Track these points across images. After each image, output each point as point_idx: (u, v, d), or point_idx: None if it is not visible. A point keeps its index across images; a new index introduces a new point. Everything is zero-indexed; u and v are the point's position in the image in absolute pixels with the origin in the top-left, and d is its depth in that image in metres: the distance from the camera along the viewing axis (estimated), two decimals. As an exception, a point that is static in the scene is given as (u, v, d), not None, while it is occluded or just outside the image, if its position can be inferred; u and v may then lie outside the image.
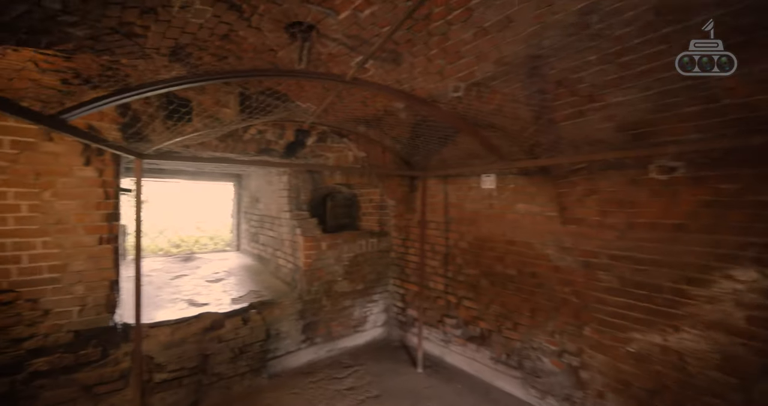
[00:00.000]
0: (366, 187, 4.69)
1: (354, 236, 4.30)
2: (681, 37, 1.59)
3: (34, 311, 2.57)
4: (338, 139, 4.15)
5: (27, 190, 2.52)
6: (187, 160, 2.83)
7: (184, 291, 3.89)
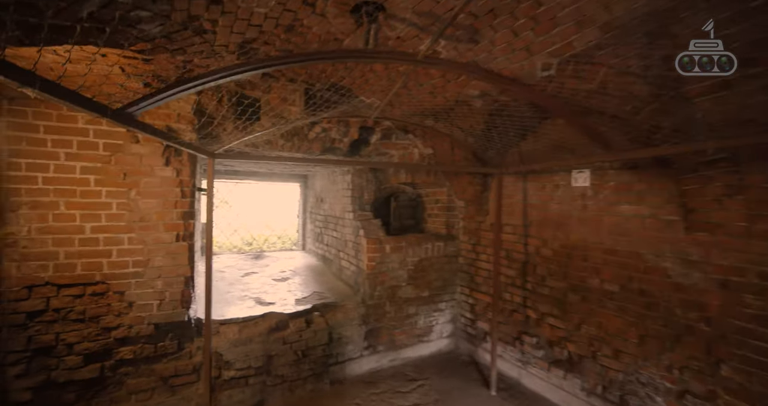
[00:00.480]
0: (432, 186, 4.37)
1: (419, 239, 4.02)
2: None
3: (121, 303, 2.74)
4: (403, 136, 3.91)
5: (116, 189, 2.70)
6: (255, 159, 2.82)
7: (253, 289, 3.97)
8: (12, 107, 2.42)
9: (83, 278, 2.63)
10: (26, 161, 2.47)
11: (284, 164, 4.39)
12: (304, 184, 6.10)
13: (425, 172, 4.11)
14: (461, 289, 4.27)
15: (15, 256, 2.46)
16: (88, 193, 2.62)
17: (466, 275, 4.22)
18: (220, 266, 4.87)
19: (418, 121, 3.34)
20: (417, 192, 4.74)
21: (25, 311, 2.50)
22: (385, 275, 3.81)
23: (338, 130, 3.58)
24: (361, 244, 3.87)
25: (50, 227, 2.54)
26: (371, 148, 3.85)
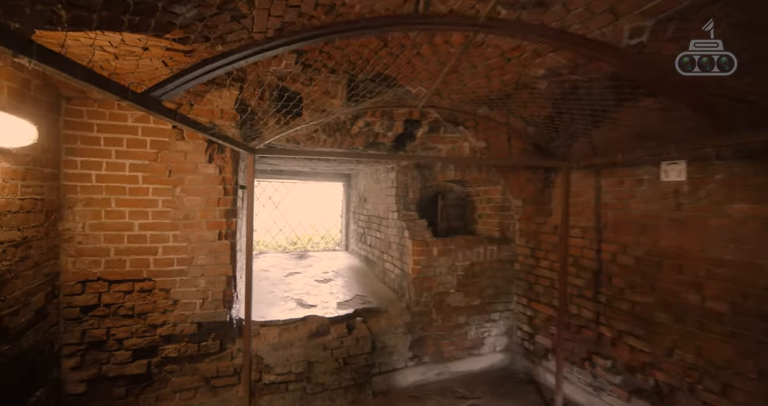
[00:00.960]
0: (483, 184, 3.99)
1: (469, 241, 3.66)
2: None
3: (167, 300, 2.73)
4: (452, 129, 3.58)
5: (162, 186, 2.70)
6: (294, 155, 2.68)
7: (295, 290, 3.88)
8: (69, 107, 2.50)
9: (132, 275, 2.66)
10: (81, 159, 2.54)
11: (327, 162, 4.27)
12: (347, 184, 5.98)
13: (477, 167, 3.74)
14: (518, 298, 3.83)
15: (71, 251, 2.54)
16: (137, 190, 2.65)
17: (523, 282, 3.77)
18: (265, 265, 4.88)
19: (470, 111, 3.00)
20: (466, 190, 4.37)
21: (80, 306, 2.56)
22: (432, 280, 3.51)
23: (382, 124, 3.36)
24: (405, 246, 3.61)
25: (102, 223, 2.59)
26: (417, 143, 3.58)
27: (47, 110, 2.32)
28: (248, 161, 2.58)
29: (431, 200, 4.27)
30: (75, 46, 2.05)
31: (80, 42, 1.94)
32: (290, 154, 2.62)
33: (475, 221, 4.29)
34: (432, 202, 4.28)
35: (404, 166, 3.89)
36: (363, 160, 4.03)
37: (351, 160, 4.08)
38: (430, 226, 3.79)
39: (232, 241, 2.89)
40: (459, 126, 3.49)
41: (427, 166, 3.88)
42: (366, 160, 4.06)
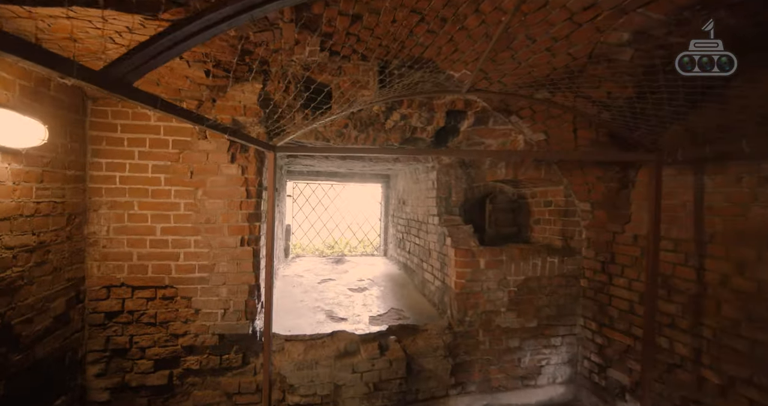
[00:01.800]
0: (541, 184, 3.40)
1: (524, 252, 3.11)
2: None
3: (188, 309, 2.58)
4: (503, 119, 3.07)
5: (184, 188, 2.55)
6: (319, 152, 2.39)
7: (327, 299, 3.61)
8: (95, 107, 2.44)
9: (154, 281, 2.54)
10: (106, 161, 2.47)
11: (363, 162, 3.95)
12: (386, 185, 5.64)
13: (534, 165, 3.17)
14: (585, 321, 3.19)
15: (96, 255, 2.47)
16: (159, 192, 2.52)
17: (591, 303, 3.13)
18: (299, 269, 4.70)
19: (526, 95, 2.48)
20: (519, 192, 3.80)
21: (104, 311, 2.49)
22: (479, 296, 3.02)
23: (420, 116, 2.95)
24: (447, 255, 3.16)
25: (125, 227, 2.50)
26: (461, 138, 3.12)
27: (70, 111, 2.25)
28: (268, 160, 2.33)
29: (478, 203, 3.76)
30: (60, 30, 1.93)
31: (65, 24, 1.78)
32: (313, 152, 2.33)
33: (530, 227, 3.71)
34: (479, 205, 3.77)
35: (446, 164, 3.44)
36: (400, 158, 3.66)
37: (388, 160, 3.73)
38: (477, 232, 3.30)
39: (255, 247, 2.66)
40: (512, 115, 2.97)
41: (472, 165, 3.40)
42: (404, 159, 3.68)
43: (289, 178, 5.25)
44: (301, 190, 5.70)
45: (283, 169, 4.50)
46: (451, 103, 2.97)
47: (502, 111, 2.99)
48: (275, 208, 3.82)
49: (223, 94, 2.57)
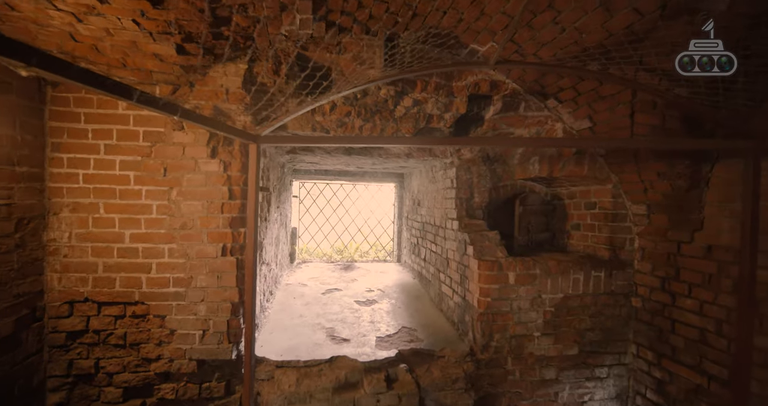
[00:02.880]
0: (583, 182, 2.85)
1: (563, 264, 2.57)
2: None
3: (162, 329, 2.21)
4: (537, 104, 2.55)
5: (156, 188, 2.18)
6: (311, 143, 1.96)
7: (330, 313, 3.18)
8: (56, 94, 2.10)
9: (122, 296, 2.17)
10: (68, 156, 2.12)
11: (371, 158, 3.50)
12: (399, 185, 5.18)
13: (575, 159, 2.63)
14: (638, 350, 2.62)
15: (57, 266, 2.13)
16: (128, 193, 2.16)
17: (647, 327, 2.56)
18: (304, 277, 4.30)
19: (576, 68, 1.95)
20: (554, 192, 3.25)
21: (66, 331, 2.15)
22: (508, 317, 2.50)
23: (437, 102, 2.47)
24: (469, 267, 2.66)
25: (90, 233, 2.14)
26: (486, 128, 2.62)
27: (20, 97, 1.91)
28: (251, 152, 1.92)
29: (505, 205, 3.24)
30: (21, 4, 1.58)
31: None
32: (302, 143, 1.90)
33: (567, 233, 3.15)
34: (506, 207, 3.25)
35: (467, 160, 2.94)
36: (413, 153, 3.19)
37: (398, 154, 3.26)
38: (504, 238, 2.79)
39: (239, 257, 2.26)
40: (548, 99, 2.45)
41: (499, 160, 2.89)
42: (417, 154, 3.21)
43: (295, 178, 4.87)
44: (308, 191, 5.31)
45: (285, 168, 4.11)
46: (473, 86, 2.47)
47: (536, 94, 2.47)
48: (274, 210, 3.43)
49: (202, 77, 2.18)
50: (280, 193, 3.77)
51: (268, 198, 3.09)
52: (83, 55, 1.95)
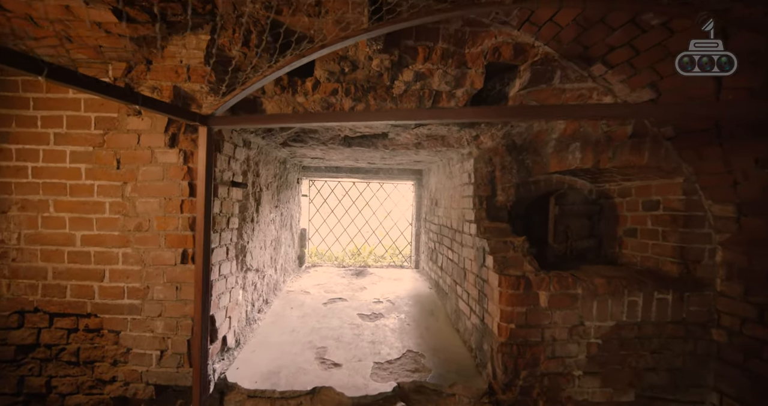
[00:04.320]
0: (639, 175, 2.21)
1: (614, 282, 1.96)
2: None
3: (117, 347, 1.90)
4: (578, 73, 1.96)
5: (109, 183, 1.88)
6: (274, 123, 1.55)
7: (327, 329, 2.76)
8: (3, 78, 1.86)
9: (74, 307, 1.89)
10: (16, 147, 1.88)
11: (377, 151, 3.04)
12: (418, 183, 4.67)
13: (630, 144, 2.00)
14: (723, 401, 1.93)
15: (5, 270, 1.89)
16: (79, 188, 1.88)
17: (736, 371, 1.87)
18: (309, 283, 3.93)
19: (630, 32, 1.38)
20: (601, 188, 2.61)
21: (16, 344, 1.90)
22: (538, 349, 1.94)
23: (444, 75, 1.97)
24: (488, 282, 2.13)
25: (39, 234, 1.88)
26: (511, 106, 2.07)
27: (-46, 78, 1.67)
28: (200, 138, 1.54)
29: (536, 204, 2.65)
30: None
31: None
32: (263, 124, 1.49)
33: (619, 241, 2.50)
34: (537, 207, 2.66)
35: (488, 149, 2.41)
36: (423, 144, 2.70)
37: (407, 146, 2.78)
38: (534, 246, 2.22)
39: (204, 265, 1.90)
40: (593, 63, 1.86)
41: (528, 148, 2.32)
42: (429, 145, 2.71)
43: (305, 175, 4.53)
44: (318, 189, 4.96)
45: (288, 163, 3.77)
46: (492, 52, 1.94)
47: (576, 58, 1.89)
48: (270, 210, 3.08)
49: (159, 53, 1.85)
50: (278, 192, 3.42)
51: (256, 196, 2.74)
52: (22, 28, 1.69)
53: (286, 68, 1.47)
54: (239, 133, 2.27)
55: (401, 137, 2.59)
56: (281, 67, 1.46)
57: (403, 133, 2.50)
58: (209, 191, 1.58)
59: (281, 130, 2.44)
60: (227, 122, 1.57)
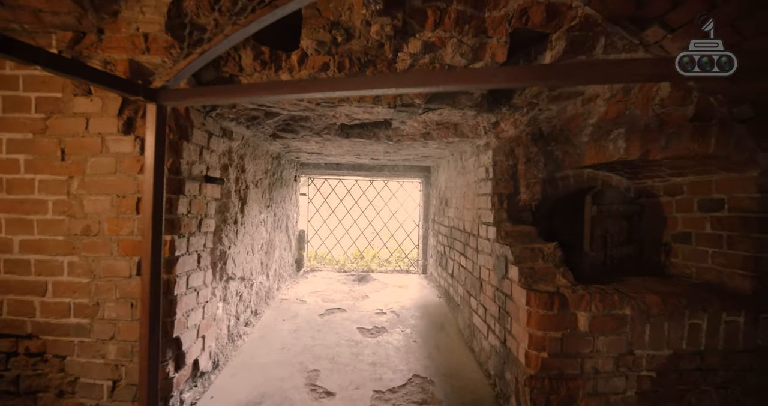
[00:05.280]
0: (695, 168, 1.82)
1: (671, 300, 1.57)
2: None
3: (63, 375, 1.57)
4: (626, 40, 1.58)
5: (52, 177, 1.55)
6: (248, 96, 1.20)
7: (321, 346, 2.42)
8: (-72, 51, 1.54)
9: (11, 327, 1.58)
10: (-55, 135, 1.56)
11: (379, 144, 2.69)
12: (425, 181, 4.31)
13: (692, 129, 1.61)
14: (813, 452, 1.54)
15: (-68, 283, 1.57)
16: (17, 184, 1.56)
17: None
18: (305, 290, 3.59)
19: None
20: (641, 185, 2.22)
21: (-55, 370, 1.58)
22: (576, 383, 1.56)
23: (459, 45, 1.61)
24: (512, 297, 1.76)
25: (-29, 239, 1.57)
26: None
27: None
28: (148, 117, 1.21)
29: (567, 204, 2.27)
30: None
31: None
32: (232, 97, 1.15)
33: (667, 248, 2.10)
34: (569, 206, 2.28)
35: (510, 138, 2.04)
36: (432, 134, 2.34)
37: (414, 137, 2.42)
38: (567, 252, 1.84)
39: (167, 276, 1.57)
40: (648, 27, 1.47)
41: (559, 137, 1.95)
42: (439, 136, 2.35)
43: (303, 173, 4.20)
44: (318, 188, 4.62)
45: (283, 159, 3.44)
46: (519, 16, 1.57)
47: (625, 21, 1.51)
48: (260, 210, 2.74)
49: (112, 20, 1.51)
50: (271, 190, 3.09)
51: (241, 194, 2.41)
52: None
53: (255, 25, 1.13)
54: (215, 120, 1.94)
55: (407, 126, 2.24)
56: (250, 22, 1.13)
57: (409, 121, 2.15)
58: (159, 186, 1.24)
59: (267, 117, 2.10)
60: (183, 96, 1.23)
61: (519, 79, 0.96)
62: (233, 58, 1.67)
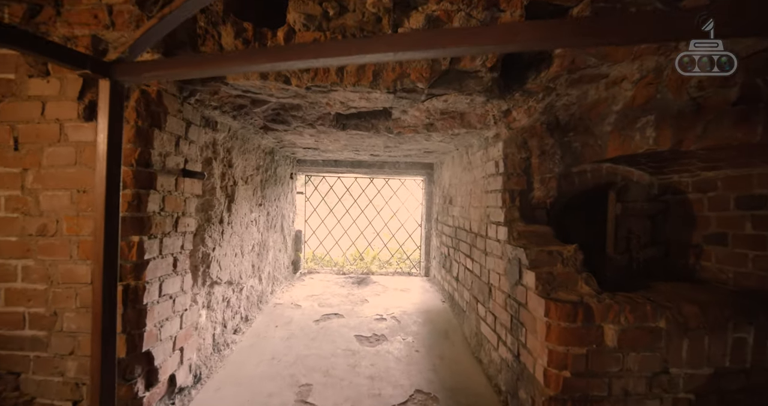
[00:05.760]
0: (733, 161, 1.61)
1: (710, 310, 1.37)
2: None
3: (18, 394, 1.38)
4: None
5: (5, 169, 1.37)
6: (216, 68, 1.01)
7: (315, 356, 2.23)
8: None
9: (-40, 340, 1.39)
10: None
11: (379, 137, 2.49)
12: (428, 179, 4.11)
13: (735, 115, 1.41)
14: None
15: None
16: (-35, 177, 1.37)
17: None
18: (301, 294, 3.40)
19: None
20: (666, 181, 2.01)
21: None
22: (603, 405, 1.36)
23: (467, 20, 1.41)
24: (527, 307, 1.56)
25: None
26: (558, 67, 1.52)
27: None
28: (101, 94, 1.02)
29: (586, 202, 2.06)
30: None
31: None
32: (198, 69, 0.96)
33: (698, 250, 1.89)
34: (584, 205, 2.07)
35: (522, 128, 1.84)
36: (436, 125, 2.14)
37: (416, 128, 2.23)
38: (588, 253, 1.63)
39: (131, 283, 1.38)
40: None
41: (577, 127, 1.75)
42: (443, 127, 2.15)
43: (300, 170, 4.01)
44: (316, 186, 4.43)
45: (277, 155, 3.25)
46: (537, -17, 1.37)
47: (662, -12, 1.30)
48: (251, 209, 2.56)
49: None
50: (263, 187, 2.90)
51: (228, 191, 2.22)
52: None
53: None
54: (195, 108, 1.75)
55: (408, 116, 2.04)
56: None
57: (411, 110, 1.95)
58: (114, 178, 1.05)
59: (254, 105, 1.91)
60: (141, 70, 1.04)
61: (551, 38, 0.76)
62: (212, 36, 1.48)
